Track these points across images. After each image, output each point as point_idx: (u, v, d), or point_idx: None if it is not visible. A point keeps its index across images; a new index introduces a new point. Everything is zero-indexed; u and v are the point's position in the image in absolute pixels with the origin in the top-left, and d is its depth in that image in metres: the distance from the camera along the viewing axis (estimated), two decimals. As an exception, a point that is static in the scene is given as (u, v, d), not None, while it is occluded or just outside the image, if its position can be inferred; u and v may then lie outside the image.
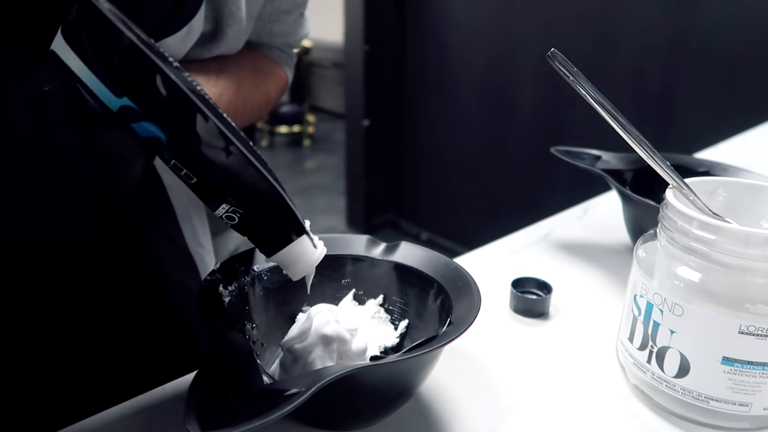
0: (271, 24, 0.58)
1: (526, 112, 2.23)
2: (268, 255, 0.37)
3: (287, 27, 0.60)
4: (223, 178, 0.33)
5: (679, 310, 0.39)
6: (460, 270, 0.43)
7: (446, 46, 2.44)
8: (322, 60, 4.49)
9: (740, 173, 0.64)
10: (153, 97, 0.30)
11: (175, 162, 0.32)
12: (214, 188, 0.33)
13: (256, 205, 0.34)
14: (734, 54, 1.66)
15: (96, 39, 0.29)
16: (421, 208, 2.83)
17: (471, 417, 0.42)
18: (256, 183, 0.33)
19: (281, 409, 0.27)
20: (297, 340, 0.41)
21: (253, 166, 0.33)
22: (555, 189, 2.14)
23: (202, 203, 0.60)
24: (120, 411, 0.42)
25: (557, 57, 0.41)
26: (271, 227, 0.36)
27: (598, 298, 0.58)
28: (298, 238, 0.37)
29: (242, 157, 0.32)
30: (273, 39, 0.61)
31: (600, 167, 0.64)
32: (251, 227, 0.35)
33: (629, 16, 1.86)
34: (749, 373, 0.38)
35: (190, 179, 0.32)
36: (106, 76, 0.29)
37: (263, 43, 0.61)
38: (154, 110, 0.30)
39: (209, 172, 0.32)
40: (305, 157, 4.23)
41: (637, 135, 0.42)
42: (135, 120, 0.31)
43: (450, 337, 0.35)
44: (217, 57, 0.53)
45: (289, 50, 0.64)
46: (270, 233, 0.36)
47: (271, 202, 0.34)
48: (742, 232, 0.36)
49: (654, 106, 1.86)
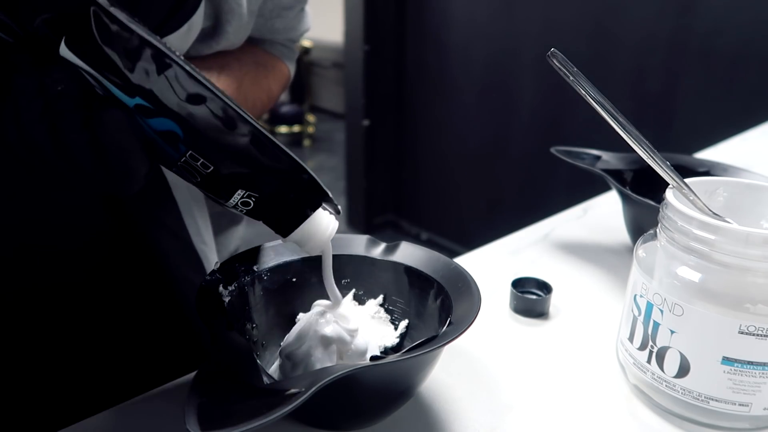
0: (273, 20, 0.59)
1: (526, 112, 2.23)
2: (285, 235, 0.37)
3: (288, 22, 0.60)
4: (242, 159, 0.32)
5: (679, 310, 0.39)
6: (460, 270, 0.43)
7: (446, 45, 2.44)
8: (322, 60, 4.49)
9: (740, 173, 0.64)
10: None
11: (191, 153, 0.32)
12: (230, 174, 0.33)
13: (272, 183, 0.34)
14: (734, 54, 1.66)
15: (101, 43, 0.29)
16: (421, 208, 2.83)
17: (471, 417, 0.42)
18: (278, 158, 0.33)
19: (281, 409, 0.27)
20: (295, 345, 0.41)
21: (273, 143, 0.33)
22: (555, 189, 2.14)
23: (206, 201, 0.60)
24: (120, 411, 0.42)
25: (557, 57, 0.41)
26: (287, 205, 0.35)
27: (598, 298, 0.58)
28: (314, 212, 0.36)
29: (262, 135, 0.32)
30: (274, 35, 0.61)
31: (600, 167, 0.64)
32: (268, 208, 0.35)
33: (629, 16, 1.86)
34: (749, 373, 0.38)
35: (206, 168, 0.32)
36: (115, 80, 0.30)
37: (265, 39, 0.61)
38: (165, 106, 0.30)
39: (229, 159, 0.32)
40: (305, 157, 4.23)
41: (637, 135, 0.42)
42: (150, 116, 0.31)
43: (450, 337, 0.35)
44: (218, 53, 0.53)
45: (290, 45, 0.64)
46: (286, 211, 0.36)
47: (290, 175, 0.34)
48: (742, 232, 0.36)
49: (654, 106, 1.86)
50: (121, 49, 0.29)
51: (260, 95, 0.57)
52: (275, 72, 0.61)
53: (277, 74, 0.61)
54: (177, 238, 0.56)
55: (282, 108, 4.21)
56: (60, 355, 0.50)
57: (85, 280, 0.51)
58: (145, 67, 0.29)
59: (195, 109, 0.31)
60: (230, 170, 0.33)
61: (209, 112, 0.31)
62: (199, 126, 0.31)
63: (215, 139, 0.31)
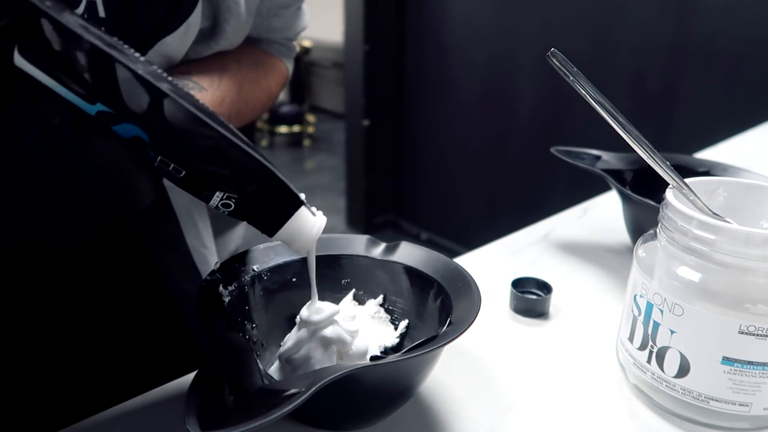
0: (270, 19, 0.58)
1: (526, 112, 2.23)
2: (271, 234, 0.37)
3: (286, 21, 0.60)
4: (211, 163, 0.32)
5: (679, 310, 0.39)
6: (460, 270, 0.43)
7: (446, 46, 2.44)
8: (322, 60, 4.49)
9: (740, 173, 0.64)
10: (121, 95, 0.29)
11: (161, 158, 0.32)
12: (204, 177, 0.33)
13: (249, 185, 0.34)
14: (734, 54, 1.66)
15: (55, 50, 0.28)
16: (421, 208, 2.83)
17: (471, 417, 0.42)
18: (244, 162, 0.33)
19: (281, 409, 0.27)
20: (294, 350, 0.41)
21: (237, 146, 0.32)
22: (555, 189, 2.15)
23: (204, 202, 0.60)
24: (120, 411, 0.42)
25: (557, 57, 0.41)
26: (268, 205, 0.35)
27: (598, 298, 0.58)
28: (297, 211, 0.36)
29: (224, 139, 0.32)
30: (272, 34, 0.61)
31: (600, 167, 0.64)
32: (249, 209, 0.35)
33: (629, 16, 1.86)
34: (749, 373, 0.38)
35: (178, 173, 0.32)
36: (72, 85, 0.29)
37: (262, 38, 0.61)
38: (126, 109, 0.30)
39: (195, 160, 0.32)
40: (305, 157, 4.23)
41: (637, 135, 0.42)
42: (114, 123, 0.30)
43: (450, 337, 0.35)
44: (217, 55, 0.53)
45: (288, 43, 0.64)
46: (268, 211, 0.36)
47: (263, 178, 0.34)
48: (742, 232, 0.36)
49: (654, 106, 1.86)
50: (75, 54, 0.28)
51: (260, 96, 0.57)
52: (274, 71, 0.61)
53: (276, 73, 0.61)
54: (175, 247, 0.56)
55: (282, 108, 4.21)
56: (60, 355, 0.50)
57: (86, 281, 0.51)
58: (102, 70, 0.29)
59: (157, 111, 0.30)
60: (201, 172, 0.32)
61: (171, 113, 0.30)
62: (163, 127, 0.31)
63: (181, 141, 0.31)
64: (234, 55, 0.55)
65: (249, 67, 0.56)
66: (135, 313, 0.54)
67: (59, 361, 0.50)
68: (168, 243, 0.55)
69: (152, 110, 0.30)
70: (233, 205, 0.34)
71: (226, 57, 0.54)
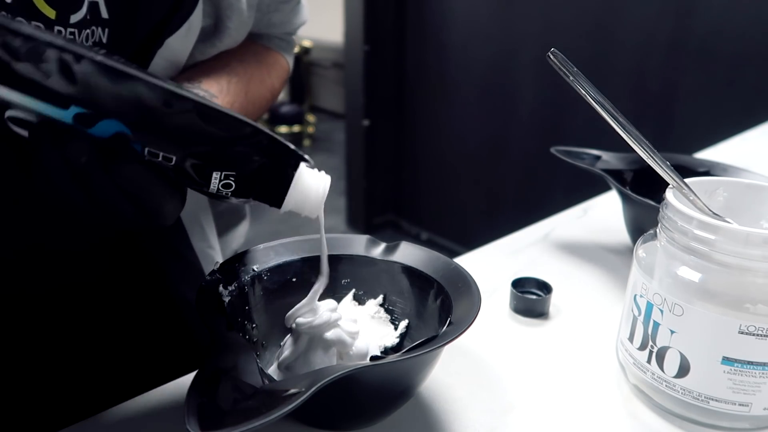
0: (270, 14, 0.58)
1: (526, 112, 2.23)
2: (279, 204, 0.36)
3: (285, 16, 0.60)
4: (197, 137, 0.32)
5: (679, 310, 0.39)
6: (460, 270, 0.43)
7: (446, 46, 2.44)
8: (322, 60, 4.49)
9: (740, 173, 0.64)
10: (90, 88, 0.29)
11: (149, 149, 0.31)
12: (196, 159, 0.32)
13: (240, 154, 0.33)
14: (734, 54, 1.66)
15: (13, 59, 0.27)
16: (421, 208, 2.82)
17: (471, 417, 0.42)
18: (229, 124, 0.32)
19: (281, 409, 0.27)
20: (292, 357, 0.41)
21: (216, 110, 0.32)
22: (555, 189, 2.14)
23: (208, 202, 0.60)
24: (120, 411, 0.42)
25: (557, 57, 0.41)
26: (267, 171, 0.34)
27: (598, 298, 0.58)
28: (298, 169, 0.35)
29: (201, 105, 0.31)
30: (272, 29, 0.61)
31: (600, 167, 0.64)
32: (250, 183, 0.34)
33: (629, 16, 1.86)
34: (749, 373, 0.38)
35: (169, 161, 0.32)
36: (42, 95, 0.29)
37: (262, 34, 0.61)
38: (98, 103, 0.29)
39: (181, 140, 0.31)
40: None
41: (637, 135, 0.42)
42: (91, 124, 0.30)
43: (450, 337, 0.35)
44: (220, 55, 0.53)
45: (288, 38, 0.64)
46: (270, 179, 0.35)
47: (252, 137, 0.33)
48: (742, 232, 0.36)
49: (654, 106, 1.86)
50: (34, 60, 0.28)
51: (265, 94, 0.57)
52: (276, 68, 0.61)
53: (278, 70, 0.61)
54: (179, 253, 0.56)
55: (282, 108, 4.20)
56: (62, 354, 0.50)
57: (90, 282, 0.51)
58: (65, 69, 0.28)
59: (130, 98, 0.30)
60: (191, 153, 0.32)
61: (145, 97, 0.30)
62: (141, 113, 0.30)
63: (161, 123, 0.31)
64: (237, 54, 0.55)
65: (253, 66, 0.56)
66: (138, 313, 0.54)
67: (61, 360, 0.51)
68: (173, 246, 0.55)
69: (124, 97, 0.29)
70: (233, 183, 0.34)
71: (230, 58, 0.54)
